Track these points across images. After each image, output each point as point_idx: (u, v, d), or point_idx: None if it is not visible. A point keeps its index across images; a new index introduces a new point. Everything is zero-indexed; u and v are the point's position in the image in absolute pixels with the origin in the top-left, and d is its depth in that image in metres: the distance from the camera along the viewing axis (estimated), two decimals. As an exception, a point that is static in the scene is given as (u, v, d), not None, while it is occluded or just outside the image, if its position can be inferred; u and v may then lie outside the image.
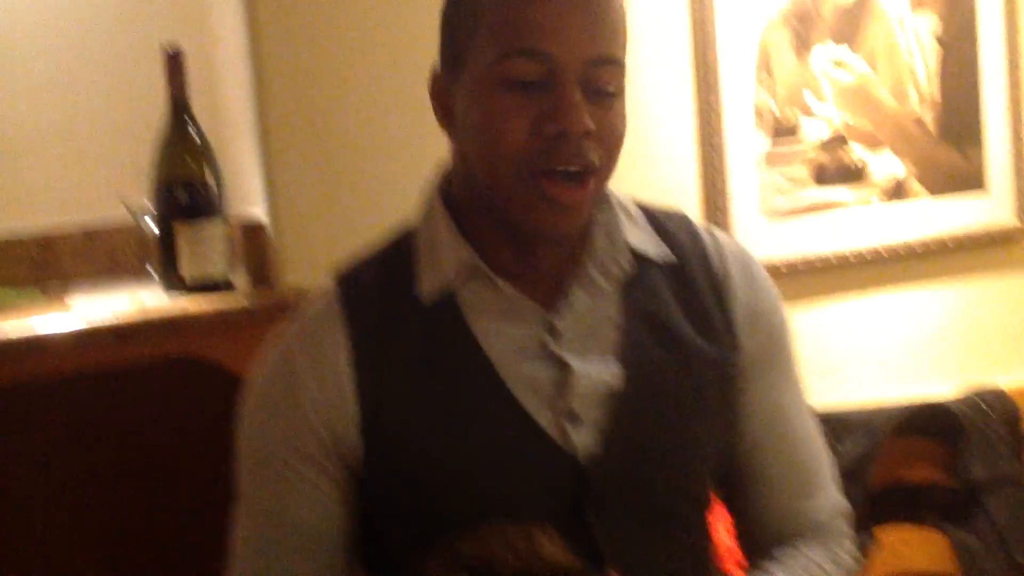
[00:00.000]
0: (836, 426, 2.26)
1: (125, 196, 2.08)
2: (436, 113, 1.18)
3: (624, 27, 1.14)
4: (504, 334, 1.15)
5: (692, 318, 1.20)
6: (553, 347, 1.15)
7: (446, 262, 1.16)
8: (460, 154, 1.17)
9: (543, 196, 1.08)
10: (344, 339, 1.15)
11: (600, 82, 1.09)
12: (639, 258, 1.19)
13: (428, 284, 1.16)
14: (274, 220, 1.94)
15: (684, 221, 1.26)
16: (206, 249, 1.90)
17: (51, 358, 1.77)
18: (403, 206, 1.86)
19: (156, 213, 1.95)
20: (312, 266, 1.91)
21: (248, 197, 2.05)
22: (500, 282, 1.15)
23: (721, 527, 1.46)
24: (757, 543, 1.32)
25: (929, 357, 2.41)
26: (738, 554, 1.45)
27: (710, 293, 1.22)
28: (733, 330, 1.22)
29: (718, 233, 1.28)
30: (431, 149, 1.34)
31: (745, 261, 1.27)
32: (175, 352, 1.82)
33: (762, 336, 1.25)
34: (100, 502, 2.18)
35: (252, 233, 1.97)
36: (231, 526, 1.22)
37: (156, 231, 1.97)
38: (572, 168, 1.08)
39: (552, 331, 1.16)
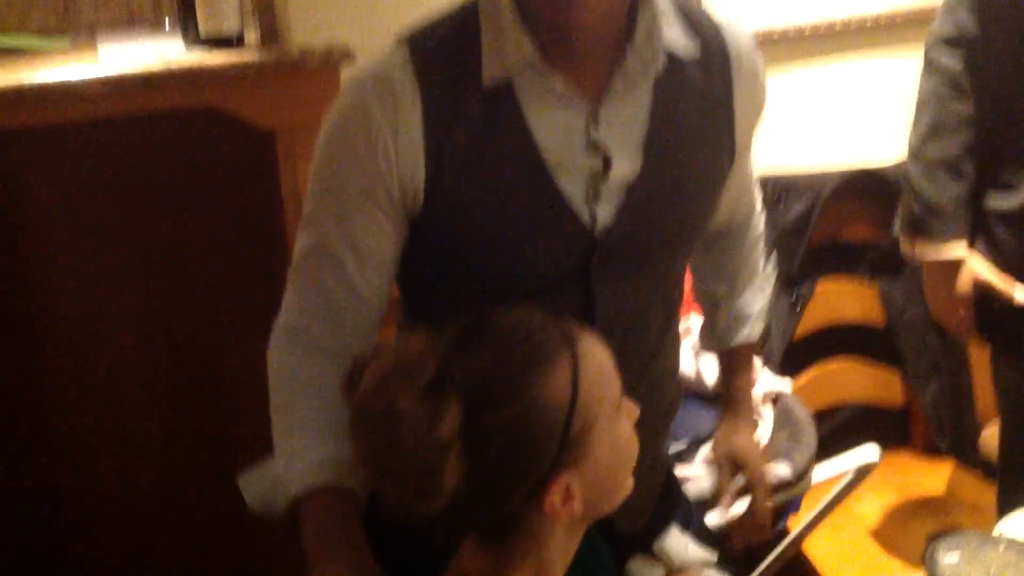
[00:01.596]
0: (782, 187, 2.50)
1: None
2: None
3: None
4: (553, 121, 1.29)
5: (707, 109, 1.37)
6: (594, 136, 1.30)
7: (509, 52, 1.27)
8: None
9: None
10: (418, 103, 1.27)
11: None
12: (670, 56, 1.34)
13: (490, 68, 1.28)
14: (282, -18, 2.08)
15: (707, 17, 1.40)
16: (220, 5, 2.04)
17: (81, 103, 1.92)
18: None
19: (173, -29, 2.11)
20: (317, 25, 2.08)
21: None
22: (554, 75, 1.28)
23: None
24: (708, 239, 1.61)
25: (874, 126, 2.60)
26: (691, 302, 1.74)
27: (722, 84, 1.38)
28: (734, 122, 1.40)
29: (735, 25, 1.42)
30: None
31: (753, 56, 1.42)
32: (193, 101, 1.98)
33: (753, 127, 1.45)
34: (126, 238, 2.41)
35: (262, -7, 2.13)
36: (271, 254, 1.39)
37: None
38: None
39: (595, 120, 1.30)
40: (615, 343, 1.22)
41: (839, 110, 2.59)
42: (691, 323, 2.12)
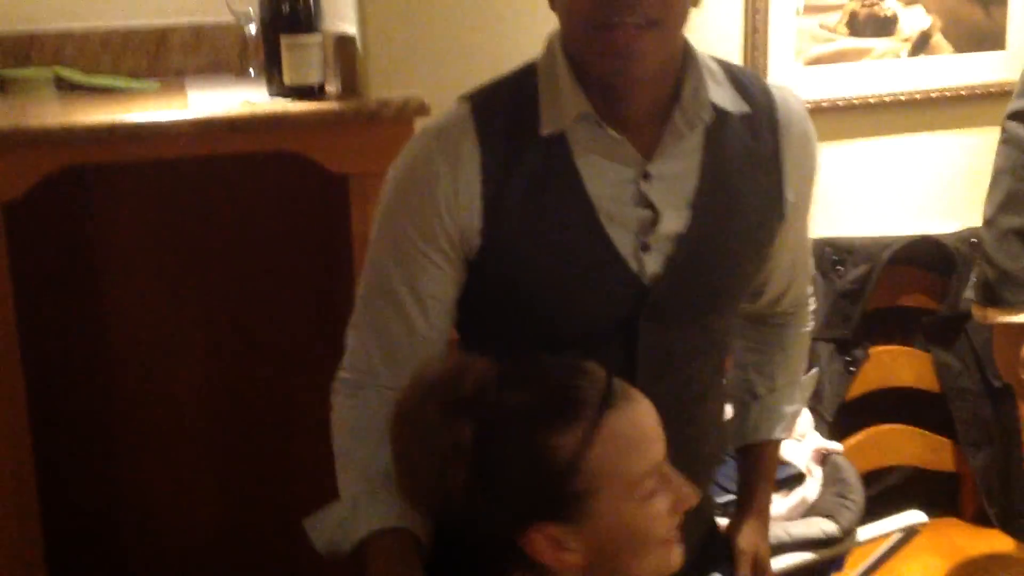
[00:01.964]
0: (842, 251, 2.53)
1: (232, 3, 2.34)
2: None
3: None
4: (605, 173, 1.36)
5: (754, 167, 1.43)
6: (644, 190, 1.36)
7: (565, 107, 1.35)
8: (560, 18, 1.38)
9: (604, 46, 1.29)
10: (477, 154, 1.35)
11: None
12: (719, 112, 1.40)
13: (547, 123, 1.35)
14: (363, 34, 2.17)
15: (756, 78, 1.48)
16: (304, 57, 2.14)
17: (168, 143, 2.03)
18: (478, 33, 2.14)
19: (262, 22, 2.21)
20: (394, 78, 2.17)
21: (341, 12, 2.29)
22: (607, 128, 1.35)
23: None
24: (757, 321, 1.65)
25: (935, 198, 2.63)
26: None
27: (771, 144, 1.44)
28: (784, 181, 1.45)
29: (784, 90, 1.49)
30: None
31: (803, 119, 1.48)
32: (274, 145, 2.09)
33: (804, 188, 1.49)
34: (199, 272, 2.52)
35: (344, 45, 2.22)
36: (358, 283, 1.46)
37: (260, 38, 2.24)
38: (628, 20, 1.28)
39: (646, 175, 1.37)
40: (660, 391, 1.27)
41: (902, 181, 2.62)
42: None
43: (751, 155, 1.43)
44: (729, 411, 1.68)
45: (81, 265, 2.46)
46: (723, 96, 1.40)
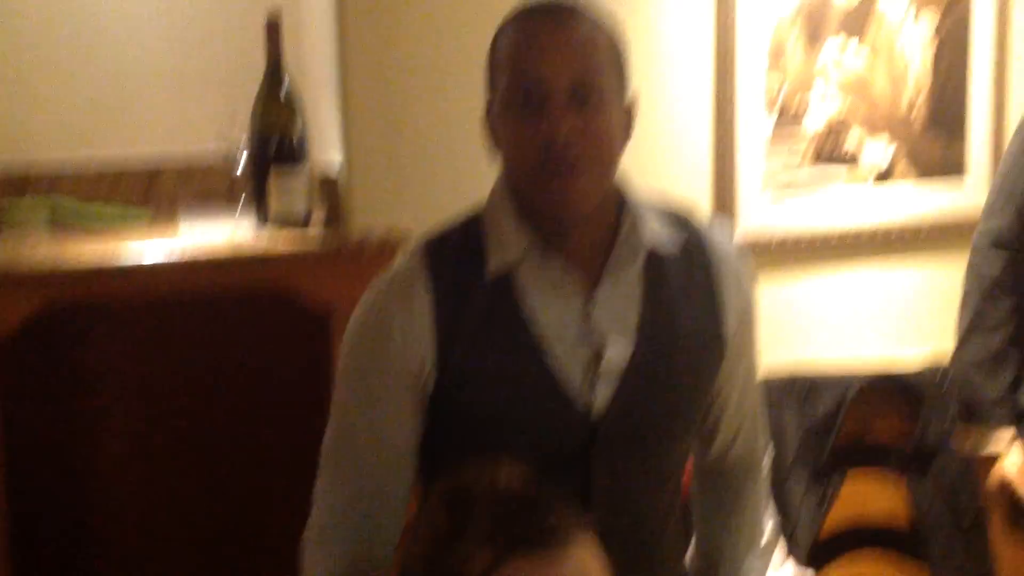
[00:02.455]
0: (809, 387, 2.56)
1: (223, 138, 2.43)
2: (485, 134, 1.47)
3: (606, 55, 1.41)
4: (552, 307, 1.42)
5: (692, 299, 1.49)
6: (590, 323, 1.42)
7: (510, 244, 1.42)
8: (502, 162, 1.47)
9: (541, 191, 1.38)
10: (429, 296, 1.42)
11: (582, 97, 1.38)
12: (655, 247, 1.47)
13: (494, 261, 1.42)
14: (348, 169, 2.26)
15: (691, 216, 1.55)
16: (291, 191, 2.23)
17: (155, 282, 2.11)
18: (460, 166, 2.23)
19: (250, 156, 2.30)
20: (378, 211, 2.25)
21: (327, 147, 2.38)
22: (551, 267, 1.42)
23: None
24: (711, 476, 1.68)
25: (901, 327, 2.68)
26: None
27: (707, 277, 1.51)
28: (723, 311, 1.51)
29: (716, 228, 1.57)
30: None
31: (734, 255, 1.55)
32: (259, 279, 2.15)
33: (743, 324, 1.55)
34: (178, 406, 2.56)
35: (329, 180, 2.30)
36: (324, 432, 1.50)
37: (248, 171, 2.32)
38: (563, 167, 1.36)
39: (590, 308, 1.43)
40: (616, 525, 1.31)
41: (868, 309, 2.67)
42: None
43: (687, 289, 1.49)
44: None
45: (65, 396, 2.50)
46: (659, 233, 1.48)
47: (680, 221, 1.53)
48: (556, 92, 1.37)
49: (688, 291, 1.49)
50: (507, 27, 1.43)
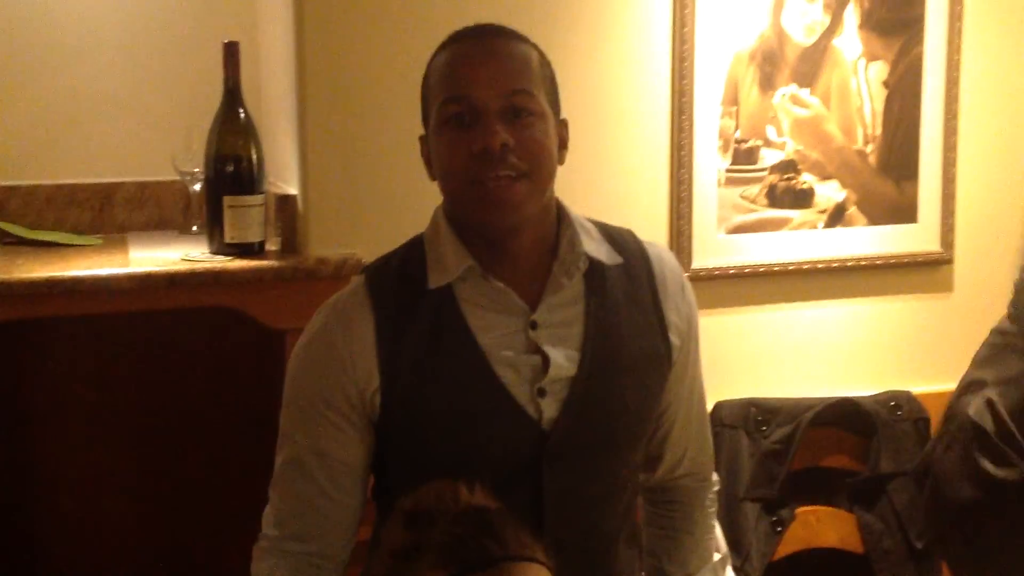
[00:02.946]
0: (766, 412, 2.60)
1: (178, 163, 2.41)
2: (426, 166, 1.50)
3: (537, 71, 1.45)
4: (494, 325, 1.45)
5: (635, 312, 1.52)
6: (533, 338, 1.45)
7: (450, 265, 1.45)
8: (440, 182, 1.49)
9: (481, 198, 1.40)
10: (371, 320, 1.45)
11: (516, 109, 1.41)
12: (594, 262, 1.50)
13: (435, 282, 1.45)
14: (304, 195, 2.25)
15: (631, 235, 1.58)
16: (246, 217, 2.22)
17: (108, 297, 2.07)
18: (417, 193, 2.21)
19: (205, 181, 2.28)
20: (334, 237, 2.24)
21: (283, 173, 2.37)
22: (492, 281, 1.44)
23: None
24: (661, 494, 1.69)
25: (853, 362, 2.71)
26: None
27: (649, 292, 1.54)
28: (666, 325, 1.54)
29: (657, 246, 1.60)
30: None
31: (676, 271, 1.59)
32: (213, 302, 2.13)
33: (687, 336, 1.58)
34: (132, 422, 2.53)
35: (284, 205, 2.29)
36: (275, 454, 1.52)
37: (203, 196, 2.30)
38: (501, 174, 1.39)
39: (533, 325, 1.45)
40: (569, 536, 1.32)
41: (821, 345, 2.70)
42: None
43: (631, 301, 1.52)
44: None
45: (12, 414, 2.46)
46: (598, 249, 1.51)
47: (621, 239, 1.56)
48: (491, 105, 1.40)
49: (631, 306, 1.52)
50: (438, 54, 1.48)
